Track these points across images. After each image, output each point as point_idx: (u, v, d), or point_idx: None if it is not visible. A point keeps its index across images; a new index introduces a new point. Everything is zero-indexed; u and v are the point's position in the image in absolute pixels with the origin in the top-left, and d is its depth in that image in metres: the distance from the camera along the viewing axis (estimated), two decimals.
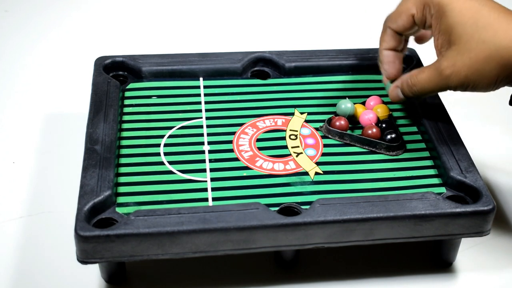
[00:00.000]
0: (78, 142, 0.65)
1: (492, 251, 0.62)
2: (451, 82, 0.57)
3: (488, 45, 0.55)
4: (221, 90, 0.67)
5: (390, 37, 0.61)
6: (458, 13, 0.56)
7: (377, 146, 0.62)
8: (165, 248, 0.53)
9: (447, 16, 0.56)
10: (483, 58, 0.55)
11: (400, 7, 0.60)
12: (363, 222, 0.54)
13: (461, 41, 0.56)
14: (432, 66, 0.58)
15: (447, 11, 0.56)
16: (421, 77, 0.59)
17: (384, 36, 0.62)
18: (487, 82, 0.56)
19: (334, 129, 0.63)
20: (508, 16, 0.55)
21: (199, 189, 0.58)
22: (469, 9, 0.56)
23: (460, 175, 0.58)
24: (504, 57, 0.55)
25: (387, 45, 0.62)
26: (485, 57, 0.55)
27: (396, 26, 0.60)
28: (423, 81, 0.59)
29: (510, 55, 0.54)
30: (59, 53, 0.86)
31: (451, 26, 0.56)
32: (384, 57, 0.62)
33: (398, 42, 0.62)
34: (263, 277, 0.59)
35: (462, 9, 0.56)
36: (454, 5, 0.56)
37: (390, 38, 0.61)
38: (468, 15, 0.55)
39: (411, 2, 0.59)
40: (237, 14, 0.95)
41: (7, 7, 0.93)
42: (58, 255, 0.60)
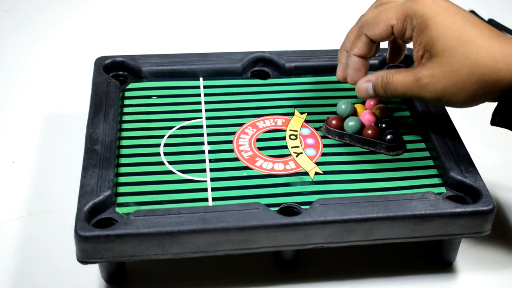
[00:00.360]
0: (78, 142, 0.65)
1: (492, 251, 0.62)
2: (426, 92, 0.56)
3: (470, 61, 0.54)
4: (221, 90, 0.67)
5: (364, 44, 0.60)
6: (442, 26, 0.55)
7: (377, 146, 0.62)
8: (165, 248, 0.53)
9: (430, 29, 0.55)
10: (464, 73, 0.55)
11: (380, 16, 0.58)
12: (363, 222, 0.54)
13: (443, 54, 0.55)
14: (411, 71, 0.57)
15: (430, 24, 0.55)
16: (396, 78, 0.58)
17: (357, 42, 0.60)
18: (465, 97, 0.56)
19: (333, 129, 0.63)
20: (490, 33, 0.55)
21: (199, 189, 0.58)
22: (453, 24, 0.55)
23: (460, 175, 0.58)
24: (485, 74, 0.54)
25: (358, 52, 0.60)
26: (466, 72, 0.55)
27: (372, 34, 0.59)
28: (397, 82, 0.58)
29: (490, 73, 0.54)
30: (59, 53, 0.86)
31: (434, 39, 0.55)
32: (352, 63, 0.61)
33: (370, 50, 0.60)
34: (263, 277, 0.59)
35: (446, 23, 0.55)
36: (438, 18, 0.55)
37: (363, 45, 0.60)
38: (452, 30, 0.55)
39: (392, 12, 0.57)
40: (237, 14, 0.95)
41: (7, 7, 0.93)
42: (58, 255, 0.60)
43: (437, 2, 0.56)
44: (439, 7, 0.56)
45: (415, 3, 0.56)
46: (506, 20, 0.93)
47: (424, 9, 0.55)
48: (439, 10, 0.55)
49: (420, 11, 0.56)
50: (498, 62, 0.54)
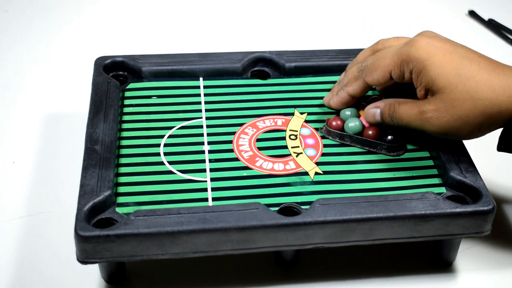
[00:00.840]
0: (78, 142, 0.65)
1: (492, 251, 0.62)
2: (430, 125, 0.58)
3: (472, 95, 0.56)
4: (221, 90, 0.67)
5: (359, 86, 0.62)
6: (439, 66, 0.56)
7: (378, 147, 0.62)
8: (165, 248, 0.53)
9: (428, 69, 0.57)
10: (467, 107, 0.56)
11: (377, 62, 0.60)
12: (363, 222, 0.54)
13: (445, 91, 0.56)
14: (416, 103, 0.59)
15: (427, 65, 0.57)
16: (402, 108, 0.59)
17: (355, 82, 0.62)
18: (470, 130, 0.57)
19: (334, 130, 0.63)
20: (488, 66, 0.56)
21: (199, 189, 0.58)
22: (450, 62, 0.56)
23: (460, 175, 0.58)
24: (487, 107, 0.56)
25: (352, 91, 0.63)
26: (468, 107, 0.56)
27: (370, 80, 0.61)
28: (403, 113, 0.59)
29: (493, 106, 0.55)
30: (59, 53, 0.86)
31: (433, 78, 0.57)
32: (341, 97, 0.63)
33: (364, 92, 0.63)
34: (263, 277, 0.59)
35: (443, 62, 0.56)
36: (434, 59, 0.57)
37: (358, 87, 0.62)
38: (450, 67, 0.56)
39: (389, 59, 0.59)
40: (237, 14, 0.95)
41: (7, 7, 0.93)
42: (58, 255, 0.60)
43: (432, 44, 0.57)
44: (434, 48, 0.57)
45: (409, 47, 0.58)
46: (506, 20, 0.93)
47: (418, 52, 0.57)
48: (434, 51, 0.57)
49: (415, 54, 0.57)
50: (498, 95, 0.55)
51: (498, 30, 0.92)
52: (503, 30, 0.92)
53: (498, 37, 0.91)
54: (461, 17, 0.95)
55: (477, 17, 0.94)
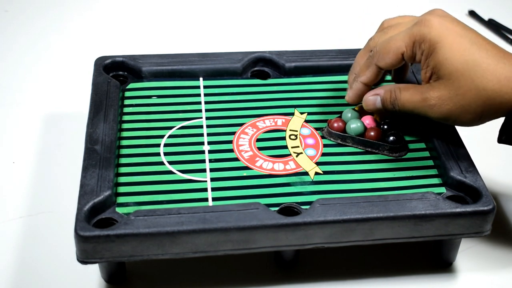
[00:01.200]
0: (78, 142, 0.65)
1: (492, 251, 0.62)
2: (433, 112, 0.57)
3: (476, 84, 0.55)
4: (221, 90, 0.67)
5: (372, 73, 0.61)
6: (449, 50, 0.56)
7: (380, 148, 0.61)
8: (165, 248, 0.53)
9: (437, 52, 0.56)
10: (470, 96, 0.56)
11: (389, 45, 0.59)
12: (363, 222, 0.54)
13: (450, 77, 0.56)
14: (419, 90, 0.58)
15: (438, 47, 0.56)
16: (404, 95, 0.59)
17: (366, 70, 0.61)
18: (471, 118, 0.57)
19: (335, 132, 0.62)
20: (496, 55, 0.56)
21: (199, 189, 0.58)
22: (460, 47, 0.56)
23: (460, 175, 0.58)
24: (490, 98, 0.55)
25: (365, 80, 0.61)
26: (472, 96, 0.56)
27: (383, 64, 0.60)
28: (405, 99, 0.59)
29: (496, 96, 0.55)
30: (59, 53, 0.86)
31: (441, 63, 0.56)
32: (356, 89, 0.62)
33: (377, 78, 0.61)
34: (263, 277, 0.59)
35: (453, 46, 0.56)
36: (445, 41, 0.56)
37: (371, 74, 0.61)
38: (459, 53, 0.56)
39: (401, 40, 0.58)
40: (237, 14, 0.95)
41: (7, 7, 0.93)
42: (58, 255, 0.60)
43: (444, 24, 0.57)
44: (446, 29, 0.56)
45: (422, 27, 0.57)
46: (506, 20, 0.93)
47: (431, 33, 0.56)
48: (446, 32, 0.56)
49: (428, 35, 0.56)
50: (503, 85, 0.55)
51: (498, 30, 0.92)
52: (503, 30, 0.92)
53: (498, 37, 0.91)
54: (461, 17, 0.95)
55: (477, 17, 0.94)
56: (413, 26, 0.58)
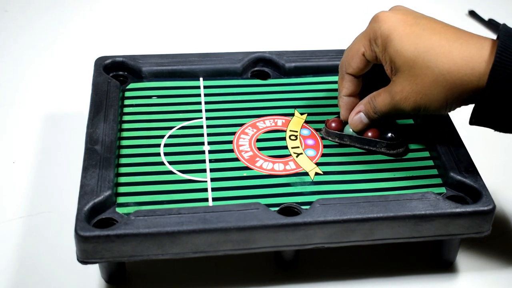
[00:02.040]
0: (78, 142, 0.65)
1: (492, 251, 0.62)
2: (402, 107, 0.57)
3: (432, 70, 0.54)
4: (221, 90, 0.67)
5: (349, 82, 0.61)
6: (399, 41, 0.55)
7: (377, 145, 0.61)
8: (165, 248, 0.53)
9: (389, 46, 0.56)
10: (429, 83, 0.55)
11: (350, 50, 0.59)
12: (363, 222, 0.54)
13: (405, 68, 0.55)
14: (387, 90, 0.58)
15: (390, 41, 0.56)
16: (378, 101, 0.59)
17: (343, 82, 0.61)
18: (438, 105, 0.56)
19: (332, 131, 0.62)
20: (451, 37, 0.55)
21: (199, 189, 0.58)
22: (410, 35, 0.55)
23: (460, 175, 0.58)
24: (449, 81, 0.54)
25: (347, 92, 0.61)
26: (431, 82, 0.54)
27: (352, 70, 0.60)
28: (381, 105, 0.59)
29: (455, 79, 0.54)
30: (59, 53, 0.86)
31: (394, 55, 0.56)
32: (344, 104, 0.62)
33: (357, 86, 0.61)
34: (263, 277, 0.59)
35: (403, 36, 0.55)
36: (395, 34, 0.56)
37: (349, 83, 0.61)
38: (409, 42, 0.55)
39: (358, 42, 0.59)
40: (237, 14, 0.95)
41: (7, 7, 0.93)
42: (58, 255, 0.60)
43: (394, 17, 0.56)
44: (396, 21, 0.56)
45: (374, 23, 0.57)
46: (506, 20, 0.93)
47: (381, 28, 0.56)
48: (396, 24, 0.56)
49: (378, 30, 0.56)
50: (460, 67, 0.54)
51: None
52: None
53: None
54: (461, 17, 0.95)
55: (477, 17, 0.94)
56: (368, 25, 0.58)
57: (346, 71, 0.60)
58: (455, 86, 0.54)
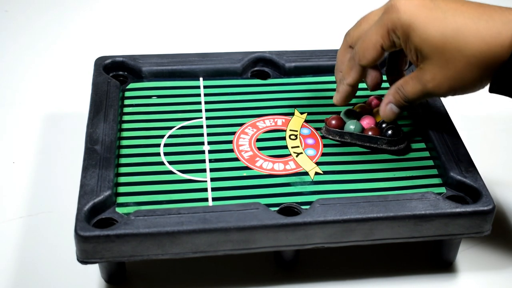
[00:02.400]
0: (78, 142, 0.65)
1: (492, 251, 0.62)
2: (436, 93, 0.56)
3: (464, 53, 0.53)
4: (221, 90, 0.67)
5: (357, 73, 0.59)
6: (423, 29, 0.54)
7: (378, 142, 0.61)
8: (165, 248, 0.53)
9: (413, 35, 0.54)
10: (462, 66, 0.54)
11: (365, 41, 0.57)
12: (363, 222, 0.54)
13: (434, 55, 0.54)
14: (416, 78, 0.57)
15: (412, 30, 0.54)
16: (407, 89, 0.58)
17: (351, 72, 0.60)
18: (473, 85, 0.55)
19: (333, 129, 0.62)
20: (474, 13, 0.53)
21: (199, 189, 0.58)
22: (433, 21, 0.54)
23: (460, 175, 0.58)
24: (482, 60, 0.53)
25: (352, 81, 0.60)
26: (464, 65, 0.54)
27: (366, 62, 0.58)
28: (410, 93, 0.58)
29: (487, 57, 0.53)
30: (59, 53, 0.86)
31: (420, 44, 0.54)
32: (344, 91, 0.61)
33: (363, 77, 0.60)
34: (263, 277, 0.59)
35: (426, 23, 0.54)
36: (417, 22, 0.54)
37: (356, 74, 0.59)
38: (434, 28, 0.54)
39: (375, 34, 0.57)
40: (237, 14, 0.95)
41: (7, 7, 0.93)
42: (58, 255, 0.60)
43: (411, 3, 0.55)
44: (414, 8, 0.54)
45: (391, 13, 0.55)
46: None
47: (401, 17, 0.55)
48: (415, 12, 0.54)
49: (398, 20, 0.55)
50: (490, 45, 0.53)
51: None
52: None
53: None
54: None
55: None
56: (382, 15, 0.56)
57: (360, 62, 0.58)
58: (488, 64, 0.53)
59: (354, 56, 0.59)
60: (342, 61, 0.61)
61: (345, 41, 0.61)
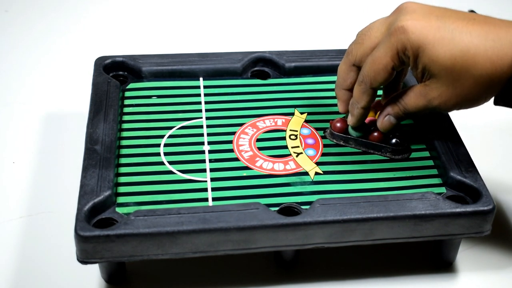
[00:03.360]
0: (78, 142, 0.65)
1: (492, 251, 0.62)
2: (442, 109, 0.57)
3: (472, 73, 0.54)
4: (221, 90, 0.67)
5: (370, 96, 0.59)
6: (432, 49, 0.54)
7: (383, 150, 0.61)
8: (165, 248, 0.53)
9: (423, 55, 0.55)
10: (470, 85, 0.55)
11: (376, 66, 0.57)
12: (363, 222, 0.54)
13: (442, 74, 0.55)
14: (419, 93, 0.57)
15: (421, 51, 0.55)
16: (408, 103, 0.58)
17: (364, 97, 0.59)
18: (478, 101, 0.57)
19: (338, 133, 0.62)
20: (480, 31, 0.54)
21: (199, 189, 0.58)
22: (442, 42, 0.54)
23: (460, 175, 0.58)
24: (488, 80, 0.54)
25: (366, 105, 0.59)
26: (471, 84, 0.55)
27: (378, 85, 0.58)
28: (411, 107, 0.58)
29: (494, 77, 0.54)
30: (59, 53, 0.86)
31: (429, 64, 0.55)
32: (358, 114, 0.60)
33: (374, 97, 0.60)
34: (263, 277, 0.59)
35: (435, 44, 0.54)
36: (426, 42, 0.54)
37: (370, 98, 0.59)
38: (443, 49, 0.54)
39: (385, 55, 0.56)
40: (237, 14, 0.95)
41: (7, 7, 0.93)
42: (58, 255, 0.60)
43: (419, 24, 0.55)
44: (423, 29, 0.55)
45: (399, 35, 0.55)
46: None
47: (410, 39, 0.55)
48: (424, 32, 0.55)
49: (407, 42, 0.55)
50: (497, 65, 0.54)
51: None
52: None
53: None
54: None
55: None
56: (390, 36, 0.56)
57: (372, 86, 0.58)
58: (494, 83, 0.55)
59: (364, 80, 0.58)
60: (344, 79, 0.61)
61: (347, 59, 0.60)
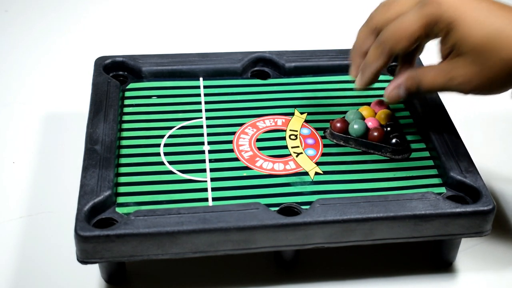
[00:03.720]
0: (78, 142, 0.65)
1: (492, 251, 0.62)
2: (461, 89, 0.56)
3: (502, 56, 0.53)
4: (221, 90, 0.67)
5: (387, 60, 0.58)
6: (467, 26, 0.53)
7: (383, 150, 0.61)
8: (165, 248, 0.53)
9: (455, 31, 0.54)
10: (497, 69, 0.54)
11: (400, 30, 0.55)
12: (363, 222, 0.54)
13: (473, 53, 0.54)
14: (442, 69, 0.56)
15: (455, 26, 0.54)
16: (427, 78, 0.57)
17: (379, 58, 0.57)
18: (499, 88, 0.55)
19: (338, 133, 0.62)
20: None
21: (199, 189, 0.58)
22: (477, 20, 0.53)
23: (460, 175, 0.58)
24: None
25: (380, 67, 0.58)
26: (499, 68, 0.54)
27: (398, 51, 0.56)
28: (428, 83, 0.57)
29: None
30: (59, 53, 0.86)
31: (461, 40, 0.54)
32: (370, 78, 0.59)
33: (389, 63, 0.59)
34: (263, 277, 0.59)
35: (470, 21, 0.53)
36: (461, 18, 0.53)
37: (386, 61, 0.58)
38: (478, 27, 0.53)
39: (413, 24, 0.55)
40: (237, 14, 0.95)
41: (7, 7, 0.93)
42: (58, 255, 0.60)
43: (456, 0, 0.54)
44: (459, 5, 0.54)
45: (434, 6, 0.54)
46: None
47: (445, 13, 0.54)
48: (460, 8, 0.54)
49: (441, 15, 0.54)
50: None
51: None
52: None
53: None
54: None
55: None
56: (423, 6, 0.54)
57: (392, 50, 0.56)
58: None
59: (384, 42, 0.57)
60: (362, 44, 0.59)
61: (369, 24, 0.59)
